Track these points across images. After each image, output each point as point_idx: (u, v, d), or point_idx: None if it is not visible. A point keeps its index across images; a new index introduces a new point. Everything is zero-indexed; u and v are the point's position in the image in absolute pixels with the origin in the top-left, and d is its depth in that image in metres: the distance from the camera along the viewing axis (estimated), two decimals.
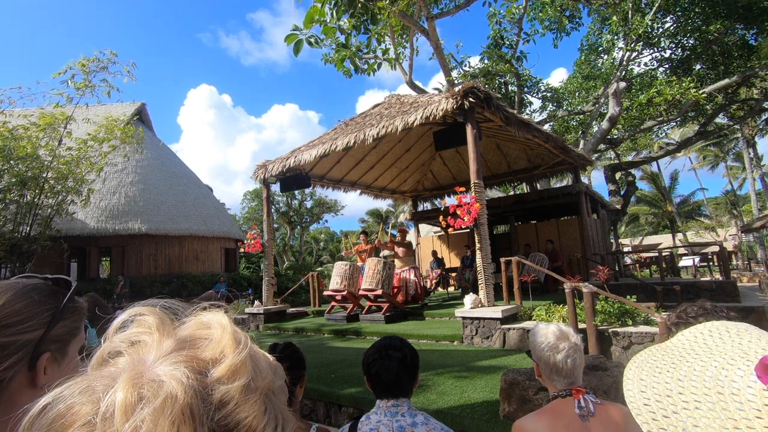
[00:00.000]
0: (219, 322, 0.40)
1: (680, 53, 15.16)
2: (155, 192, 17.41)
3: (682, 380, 0.50)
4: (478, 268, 6.52)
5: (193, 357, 0.36)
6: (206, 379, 0.35)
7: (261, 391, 0.37)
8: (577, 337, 1.45)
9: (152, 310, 0.41)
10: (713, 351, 0.52)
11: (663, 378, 0.52)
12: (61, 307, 0.68)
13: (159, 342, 0.37)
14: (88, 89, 10.20)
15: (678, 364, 0.53)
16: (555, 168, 12.33)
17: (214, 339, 0.38)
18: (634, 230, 37.10)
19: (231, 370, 0.36)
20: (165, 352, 0.36)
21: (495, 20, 15.42)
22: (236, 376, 0.36)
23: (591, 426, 1.29)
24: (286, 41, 7.45)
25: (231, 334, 0.39)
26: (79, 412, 0.31)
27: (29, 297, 0.65)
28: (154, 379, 0.33)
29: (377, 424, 1.44)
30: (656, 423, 0.48)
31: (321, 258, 45.92)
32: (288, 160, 9.15)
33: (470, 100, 6.48)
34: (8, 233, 10.35)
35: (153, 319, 0.40)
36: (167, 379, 0.33)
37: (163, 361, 0.35)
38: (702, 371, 0.50)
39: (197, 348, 0.37)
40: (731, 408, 0.44)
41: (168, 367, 0.34)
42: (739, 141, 27.03)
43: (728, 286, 9.21)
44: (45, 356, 0.65)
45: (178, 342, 0.38)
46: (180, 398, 0.32)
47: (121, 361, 0.37)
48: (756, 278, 16.87)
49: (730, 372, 0.48)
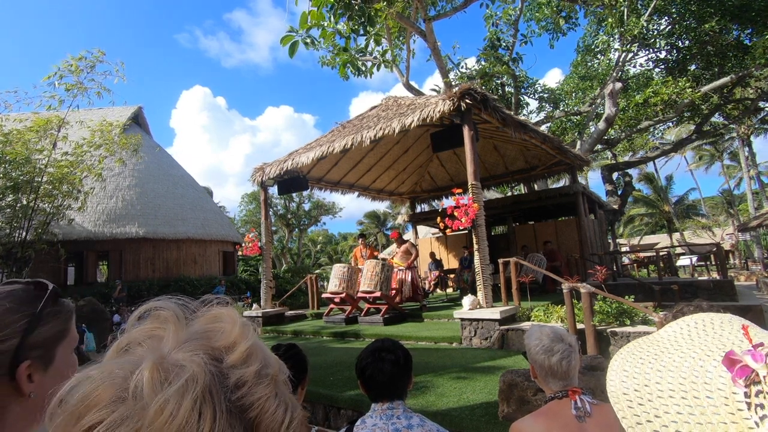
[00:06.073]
0: (229, 315, 0.43)
1: (675, 54, 15.25)
2: (153, 195, 17.37)
3: (661, 370, 0.51)
4: (477, 269, 6.53)
5: (208, 346, 0.39)
6: (221, 364, 0.38)
7: (271, 377, 0.40)
8: (573, 338, 1.45)
9: (167, 304, 0.44)
10: (695, 342, 0.53)
11: (644, 369, 0.53)
12: (38, 313, 0.66)
13: (175, 333, 0.40)
14: (79, 91, 10.10)
15: (661, 355, 0.54)
16: (552, 169, 12.36)
17: (226, 330, 0.41)
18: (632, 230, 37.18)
19: (243, 357, 0.39)
20: (181, 342, 0.39)
21: (491, 22, 15.48)
22: (248, 362, 0.39)
23: (588, 427, 1.28)
24: (282, 43, 7.45)
25: (241, 326, 0.42)
26: (102, 394, 0.34)
27: (1, 305, 0.63)
28: (175, 363, 0.36)
29: (373, 427, 1.44)
30: (631, 410, 0.49)
31: (319, 260, 45.89)
32: (285, 162, 9.15)
33: (467, 101, 6.50)
34: (4, 238, 10.30)
35: (168, 312, 0.42)
36: (188, 363, 0.36)
37: (180, 349, 0.38)
38: (681, 362, 0.51)
39: (211, 338, 0.40)
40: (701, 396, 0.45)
41: (187, 353, 0.37)
42: (735, 140, 27.17)
43: (726, 285, 9.24)
44: (25, 364, 0.63)
45: (193, 333, 0.41)
46: (200, 380, 0.35)
47: (139, 350, 0.39)
48: (753, 277, 16.94)
49: (705, 363, 0.49)
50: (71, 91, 10.07)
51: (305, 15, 7.61)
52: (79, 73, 10.00)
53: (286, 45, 7.42)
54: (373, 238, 43.23)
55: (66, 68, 9.90)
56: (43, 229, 10.96)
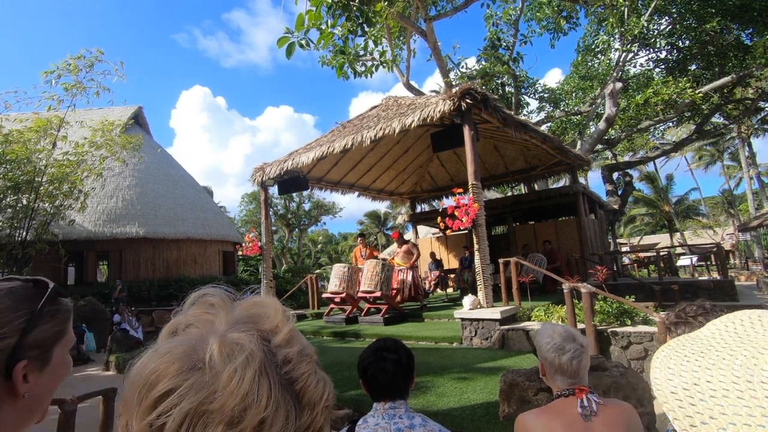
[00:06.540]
0: (272, 302, 0.49)
1: (676, 54, 15.25)
2: (153, 195, 17.36)
3: (710, 368, 0.50)
4: (477, 269, 6.52)
5: (256, 328, 0.44)
6: (269, 344, 0.43)
7: (310, 356, 0.46)
8: (585, 339, 1.45)
9: (216, 291, 0.49)
10: (743, 340, 0.52)
11: (691, 366, 0.51)
12: (37, 312, 0.65)
13: (225, 317, 0.45)
14: (78, 90, 10.08)
15: (707, 353, 0.52)
16: (552, 168, 12.36)
17: (270, 315, 0.46)
18: (633, 230, 37.18)
19: (287, 338, 0.45)
20: (231, 324, 0.44)
21: (492, 22, 15.48)
22: (291, 343, 0.45)
23: (593, 426, 1.28)
24: (279, 44, 7.43)
25: (282, 313, 0.48)
26: (171, 367, 0.39)
27: (1, 303, 0.62)
28: (235, 341, 0.41)
29: (375, 427, 1.44)
30: (682, 411, 0.47)
31: (319, 260, 45.90)
32: (285, 162, 9.15)
33: (467, 101, 6.49)
34: (4, 238, 10.29)
35: (217, 299, 0.48)
36: (245, 342, 0.41)
37: (234, 330, 0.43)
38: (731, 360, 0.49)
39: (257, 322, 0.45)
40: (760, 396, 0.44)
41: (242, 333, 0.42)
42: (735, 140, 27.16)
43: (726, 285, 9.23)
44: (21, 364, 0.61)
45: (241, 317, 0.45)
46: (257, 355, 0.40)
47: (194, 331, 0.44)
48: (753, 277, 16.94)
49: (759, 360, 0.47)
50: (71, 90, 10.05)
51: (302, 17, 7.57)
52: (77, 72, 9.98)
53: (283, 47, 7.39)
54: (373, 238, 43.23)
55: (65, 67, 9.89)
56: (43, 229, 10.96)
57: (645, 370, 4.72)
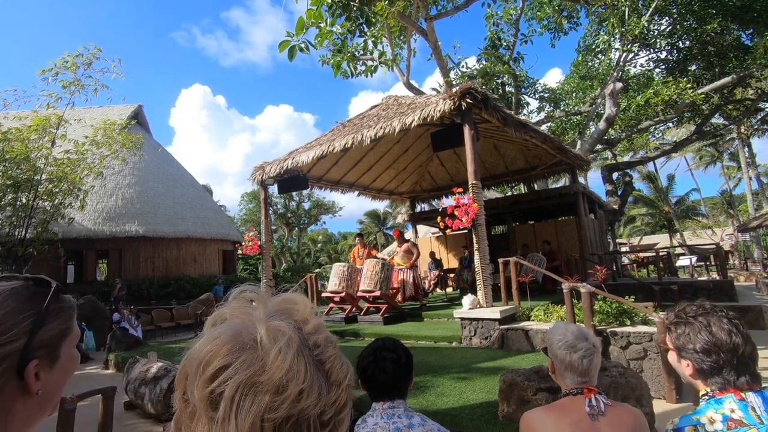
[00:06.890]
0: (302, 298, 0.56)
1: (676, 54, 15.24)
2: (152, 194, 17.35)
3: None
4: (477, 268, 6.52)
5: (291, 319, 0.51)
6: (302, 332, 0.50)
7: (335, 343, 0.53)
8: (597, 340, 1.45)
9: (253, 288, 0.56)
10: None
11: None
12: (43, 311, 0.66)
13: (263, 309, 0.51)
14: (76, 88, 10.06)
15: None
16: (552, 168, 12.35)
17: (300, 309, 0.54)
18: (632, 230, 37.19)
19: (315, 328, 0.52)
20: (270, 315, 0.50)
21: (492, 21, 15.47)
22: (319, 331, 0.52)
23: (600, 426, 1.28)
24: (280, 48, 7.44)
25: (310, 307, 0.55)
26: (222, 348, 0.46)
27: (6, 306, 0.62)
28: (276, 327, 0.48)
29: (374, 426, 1.44)
30: None
31: (319, 259, 45.90)
32: (285, 161, 9.14)
33: (467, 101, 6.49)
34: (4, 237, 10.28)
35: (254, 294, 0.55)
36: (284, 328, 0.48)
37: (273, 319, 0.50)
38: None
39: (290, 314, 0.52)
40: None
41: (281, 321, 0.49)
42: (735, 141, 27.17)
43: (725, 286, 9.24)
44: (33, 363, 0.63)
45: (276, 310, 0.52)
46: (295, 339, 0.48)
47: (236, 320, 0.50)
48: (753, 277, 16.95)
49: None
50: (68, 88, 10.04)
51: (302, 20, 7.58)
52: (76, 69, 9.97)
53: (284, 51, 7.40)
54: (372, 238, 43.23)
55: (62, 65, 9.87)
56: (43, 227, 10.95)
57: (644, 370, 4.73)
